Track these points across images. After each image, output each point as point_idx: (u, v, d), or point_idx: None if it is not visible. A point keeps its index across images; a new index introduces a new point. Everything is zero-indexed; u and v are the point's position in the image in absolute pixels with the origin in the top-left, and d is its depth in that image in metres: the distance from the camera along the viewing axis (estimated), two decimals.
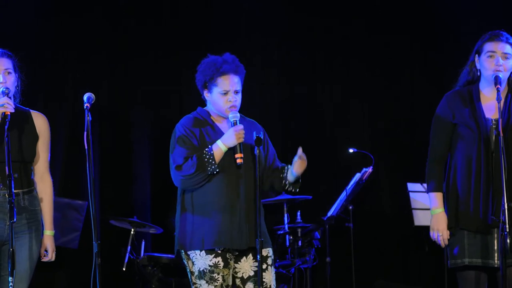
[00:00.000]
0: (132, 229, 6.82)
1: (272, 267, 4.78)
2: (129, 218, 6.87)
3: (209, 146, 4.65)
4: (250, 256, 4.73)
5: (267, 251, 4.76)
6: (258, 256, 4.53)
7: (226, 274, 4.70)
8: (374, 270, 8.00)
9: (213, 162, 4.61)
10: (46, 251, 4.75)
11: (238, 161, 4.62)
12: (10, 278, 4.34)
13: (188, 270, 4.74)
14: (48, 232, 4.76)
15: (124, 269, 6.70)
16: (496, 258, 4.64)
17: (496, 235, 4.66)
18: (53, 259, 4.79)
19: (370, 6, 8.08)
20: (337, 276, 7.57)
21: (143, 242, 6.90)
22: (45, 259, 4.78)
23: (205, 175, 4.63)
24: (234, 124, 4.67)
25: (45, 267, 5.10)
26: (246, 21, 7.91)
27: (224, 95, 4.71)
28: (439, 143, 4.84)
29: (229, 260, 4.71)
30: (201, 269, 4.66)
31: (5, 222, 4.55)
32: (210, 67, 4.76)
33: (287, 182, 4.82)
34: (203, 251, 4.66)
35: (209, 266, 4.65)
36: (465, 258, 4.69)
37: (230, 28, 7.81)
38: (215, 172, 4.63)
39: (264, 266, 4.71)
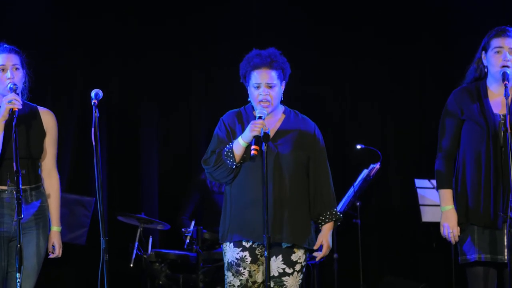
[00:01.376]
0: (140, 225, 6.82)
1: (300, 273, 4.72)
2: (136, 215, 6.87)
3: (232, 141, 4.66)
4: (280, 257, 4.68)
5: (298, 256, 4.71)
6: (266, 253, 4.48)
7: (254, 270, 4.67)
8: (381, 267, 8.00)
9: (232, 156, 4.60)
10: (53, 246, 4.76)
11: (252, 152, 4.56)
12: (17, 274, 4.35)
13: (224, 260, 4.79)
14: (55, 228, 4.76)
15: (131, 265, 6.70)
16: (505, 254, 4.62)
17: (505, 231, 4.64)
18: (60, 255, 4.79)
19: (379, 8, 8.08)
20: (344, 273, 7.58)
21: (151, 238, 6.89)
22: (52, 256, 4.78)
23: (227, 169, 4.63)
24: (259, 118, 4.63)
25: (53, 263, 5.11)
26: (257, 22, 7.91)
27: (256, 89, 4.69)
28: (448, 139, 4.82)
29: (258, 256, 4.68)
30: (229, 261, 4.69)
31: (12, 218, 4.56)
32: (244, 62, 4.77)
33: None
34: (232, 244, 4.68)
35: (236, 259, 4.66)
36: (474, 254, 4.67)
37: (241, 28, 7.80)
38: (234, 167, 4.62)
39: (290, 271, 4.67)
